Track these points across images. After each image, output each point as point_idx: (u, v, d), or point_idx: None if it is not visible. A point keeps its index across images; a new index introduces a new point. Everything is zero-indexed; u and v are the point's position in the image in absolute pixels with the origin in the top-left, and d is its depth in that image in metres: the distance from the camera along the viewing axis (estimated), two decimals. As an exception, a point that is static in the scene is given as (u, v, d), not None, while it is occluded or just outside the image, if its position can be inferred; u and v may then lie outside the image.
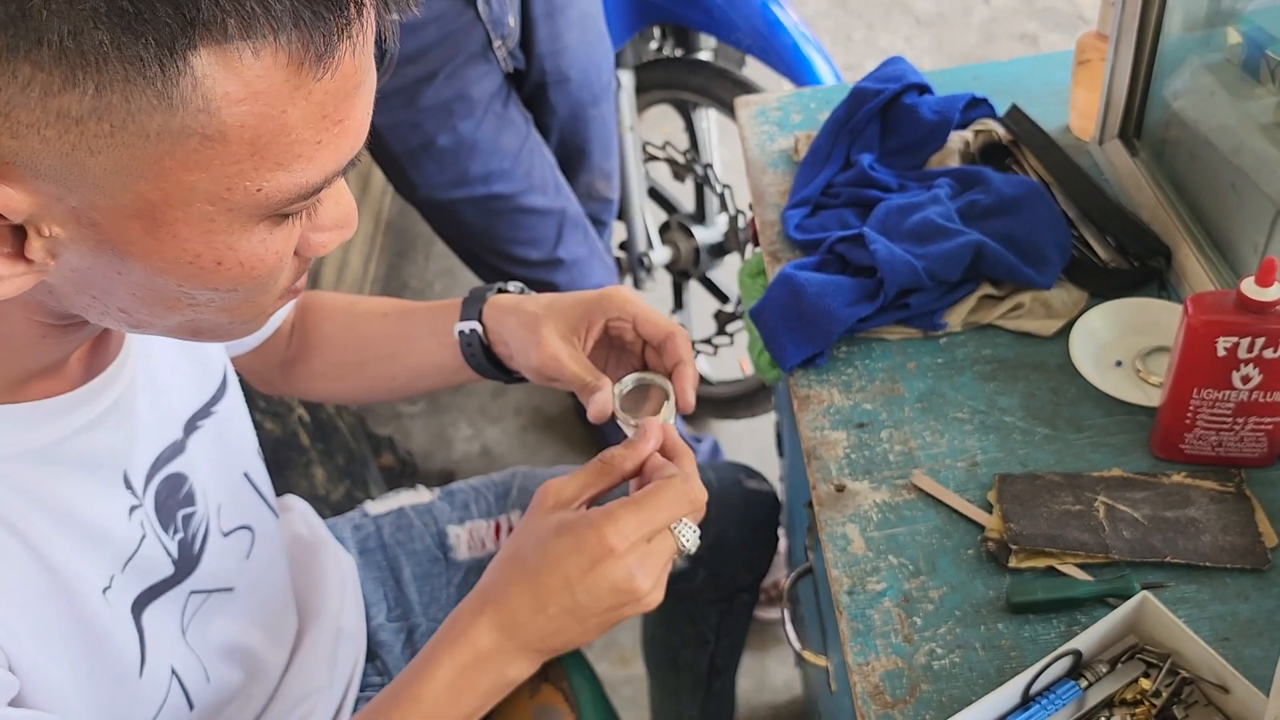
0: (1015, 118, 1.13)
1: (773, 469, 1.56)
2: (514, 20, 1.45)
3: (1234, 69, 0.96)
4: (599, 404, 0.80)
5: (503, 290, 0.90)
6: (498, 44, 1.44)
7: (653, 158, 2.01)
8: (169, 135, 0.47)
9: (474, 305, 0.89)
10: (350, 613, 1.00)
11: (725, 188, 1.92)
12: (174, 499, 0.75)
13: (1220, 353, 0.78)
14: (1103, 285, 1.00)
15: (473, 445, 2.25)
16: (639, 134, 1.95)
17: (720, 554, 1.19)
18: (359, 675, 0.98)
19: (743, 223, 1.92)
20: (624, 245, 2.04)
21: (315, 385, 0.99)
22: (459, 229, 1.59)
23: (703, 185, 2.01)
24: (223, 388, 0.83)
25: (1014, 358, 0.96)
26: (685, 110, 2.09)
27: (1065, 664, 0.71)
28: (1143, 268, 0.99)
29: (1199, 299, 0.79)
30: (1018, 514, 0.82)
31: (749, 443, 2.15)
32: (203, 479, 0.79)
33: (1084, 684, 0.71)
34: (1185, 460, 0.85)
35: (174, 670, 0.75)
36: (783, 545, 1.59)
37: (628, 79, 1.91)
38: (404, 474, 1.98)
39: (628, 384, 0.84)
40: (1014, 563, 0.80)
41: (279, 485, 0.99)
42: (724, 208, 1.94)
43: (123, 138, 0.47)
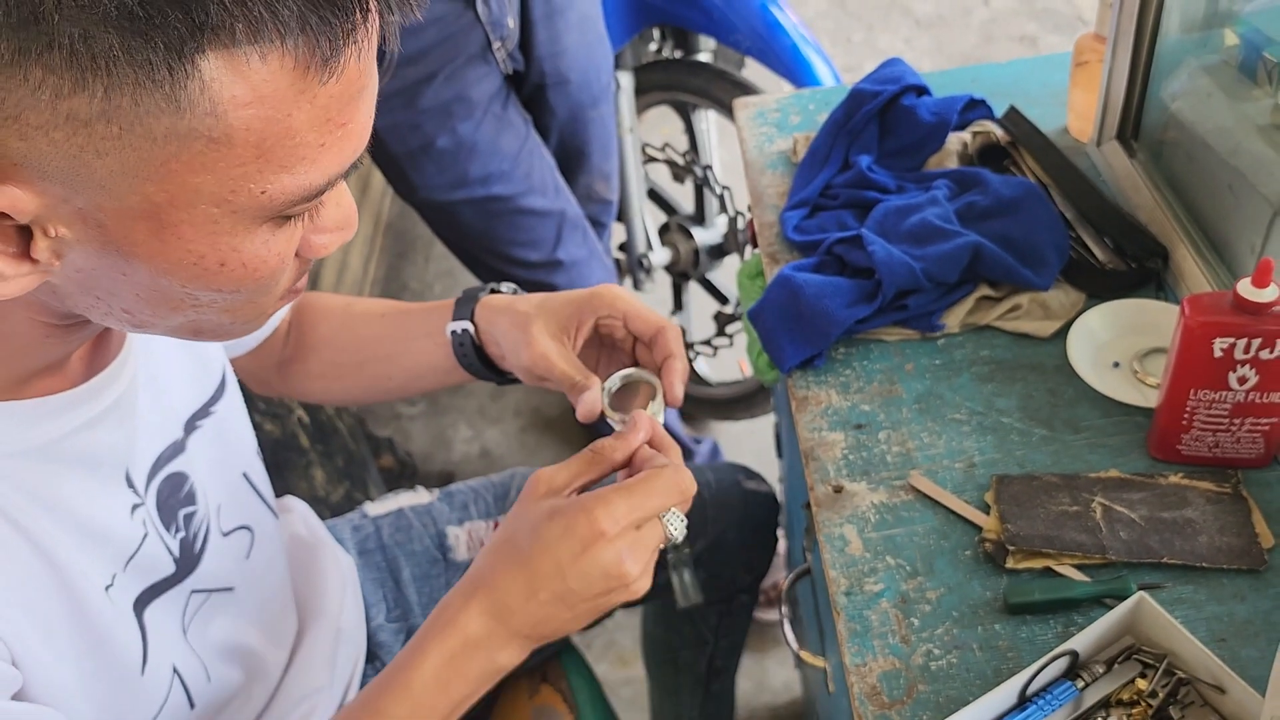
0: (1013, 119, 1.13)
1: (772, 470, 1.56)
2: (513, 22, 1.46)
3: (1231, 70, 0.96)
4: (587, 402, 0.80)
5: (495, 291, 0.90)
6: (497, 45, 1.44)
7: (652, 159, 2.01)
8: (176, 138, 0.48)
9: (466, 305, 0.89)
10: (350, 613, 1.00)
11: (725, 189, 1.92)
12: (175, 498, 0.75)
13: (1217, 353, 0.78)
14: (1100, 286, 1.00)
15: (472, 447, 2.25)
16: (638, 135, 1.95)
17: (719, 555, 1.20)
18: (359, 676, 0.99)
19: (742, 224, 1.92)
20: (623, 247, 2.04)
21: (312, 386, 0.99)
22: (458, 230, 1.60)
23: (702, 187, 2.01)
24: (222, 388, 0.84)
25: (1012, 359, 0.97)
26: (685, 112, 2.09)
27: (1062, 664, 0.71)
28: (1140, 269, 1.00)
29: (1196, 300, 0.79)
30: (1015, 515, 0.82)
31: (748, 444, 2.15)
32: (202, 479, 0.79)
33: (1081, 684, 0.72)
34: (1182, 461, 0.86)
35: (175, 669, 0.75)
36: (782, 546, 1.59)
37: (627, 80, 1.91)
38: (404, 475, 1.98)
39: (616, 381, 0.84)
40: (1011, 563, 0.81)
41: (279, 486, 1.00)
42: (723, 209, 1.94)
43: (130, 140, 0.47)
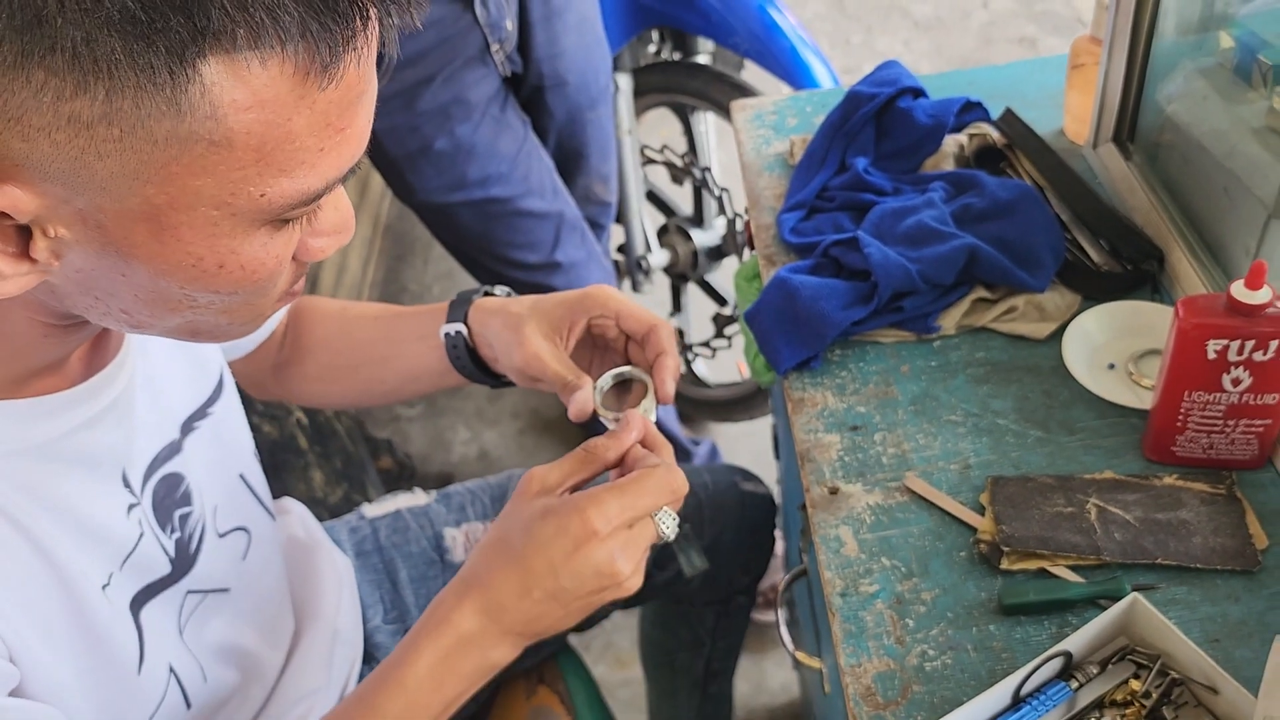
0: (1009, 121, 1.14)
1: (770, 472, 1.56)
2: (511, 24, 1.46)
3: (1226, 73, 0.96)
4: (579, 402, 0.80)
5: (489, 294, 0.91)
6: (495, 48, 1.45)
7: (651, 161, 2.01)
8: (176, 141, 0.48)
9: (460, 308, 0.89)
10: (347, 615, 1.00)
11: (723, 191, 1.93)
12: (171, 498, 0.76)
13: (1211, 355, 0.78)
14: (1096, 288, 1.00)
15: (470, 448, 2.25)
16: (637, 137, 1.95)
17: (717, 556, 1.20)
18: (355, 677, 0.99)
19: (741, 226, 1.92)
20: (622, 248, 2.04)
21: (308, 388, 1.00)
22: (457, 232, 1.60)
23: (701, 188, 2.01)
24: (219, 389, 0.84)
25: (1007, 360, 0.97)
26: (683, 113, 2.09)
27: (1056, 665, 0.72)
28: (1135, 271, 1.00)
29: (1190, 302, 0.79)
30: (1010, 516, 0.83)
31: (746, 445, 2.15)
32: (199, 479, 0.79)
33: (1074, 685, 0.72)
34: (1177, 462, 0.86)
35: (172, 669, 0.76)
36: (780, 548, 1.59)
37: (625, 82, 1.91)
38: (402, 477, 1.98)
39: (608, 381, 0.84)
40: (1006, 564, 0.81)
41: (277, 488, 1.00)
42: (722, 211, 1.95)
43: (131, 143, 0.47)
